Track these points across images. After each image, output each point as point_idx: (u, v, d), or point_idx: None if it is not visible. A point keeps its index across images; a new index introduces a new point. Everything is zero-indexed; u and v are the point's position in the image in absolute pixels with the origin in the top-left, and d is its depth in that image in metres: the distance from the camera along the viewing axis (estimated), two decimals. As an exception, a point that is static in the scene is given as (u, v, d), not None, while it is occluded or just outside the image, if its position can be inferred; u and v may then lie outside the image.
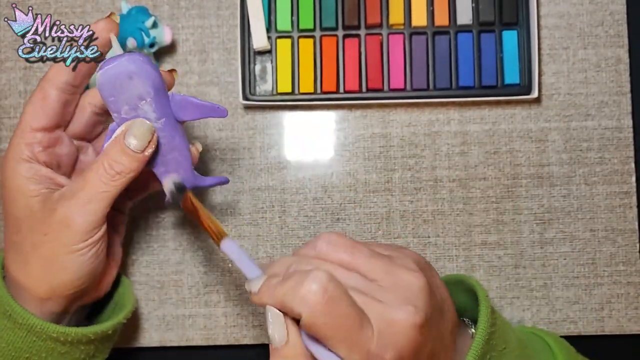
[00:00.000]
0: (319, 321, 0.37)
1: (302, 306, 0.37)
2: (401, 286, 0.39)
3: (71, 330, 0.46)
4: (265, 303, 0.39)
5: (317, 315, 0.37)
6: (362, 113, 0.59)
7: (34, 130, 0.46)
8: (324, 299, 0.37)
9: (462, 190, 0.58)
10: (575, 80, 0.59)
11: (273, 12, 0.58)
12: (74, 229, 0.44)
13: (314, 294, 0.37)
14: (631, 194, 0.58)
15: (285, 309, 0.38)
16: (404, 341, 0.38)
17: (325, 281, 0.37)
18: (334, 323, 0.37)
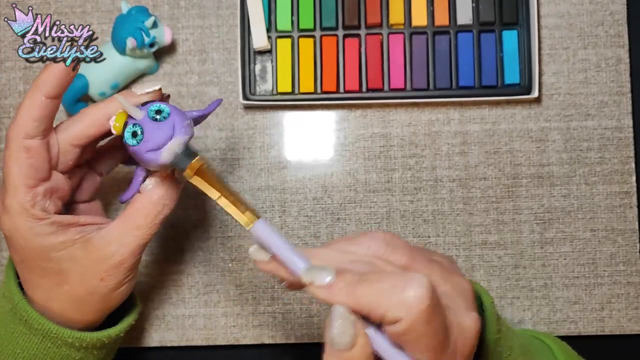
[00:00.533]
0: (420, 329, 0.34)
1: (404, 311, 0.34)
2: (459, 292, 0.38)
3: (86, 335, 0.46)
4: (339, 301, 0.35)
5: (420, 322, 0.34)
6: (362, 113, 0.59)
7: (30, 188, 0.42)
8: (430, 306, 0.34)
9: (462, 190, 0.58)
10: (576, 80, 0.59)
11: (273, 12, 0.58)
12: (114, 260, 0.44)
13: (421, 300, 0.34)
14: (631, 194, 0.58)
15: (373, 311, 0.35)
16: (468, 347, 0.37)
17: (431, 287, 0.34)
18: (432, 331, 0.34)
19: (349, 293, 0.35)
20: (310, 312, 0.58)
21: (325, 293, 0.36)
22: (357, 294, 0.35)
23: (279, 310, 0.58)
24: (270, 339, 0.58)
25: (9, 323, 0.45)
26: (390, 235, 0.39)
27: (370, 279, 0.35)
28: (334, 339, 0.35)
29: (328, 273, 0.36)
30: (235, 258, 0.58)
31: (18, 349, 0.45)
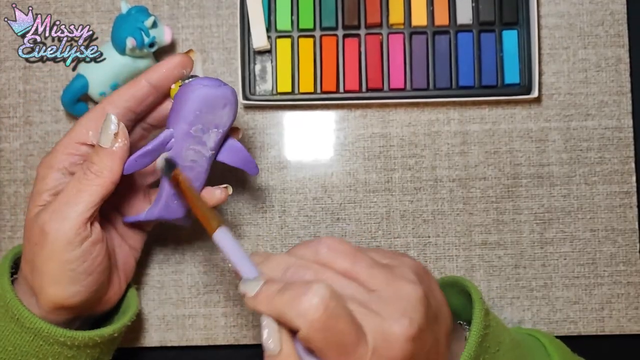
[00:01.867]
0: (317, 336, 0.36)
1: (301, 320, 0.36)
2: (399, 297, 0.39)
3: (78, 334, 0.46)
4: (261, 311, 0.39)
5: (315, 331, 0.36)
6: (362, 113, 0.59)
7: (79, 143, 0.46)
8: (324, 315, 0.36)
9: (462, 190, 0.58)
10: (576, 80, 0.59)
11: (273, 11, 0.58)
12: (52, 235, 0.43)
13: (315, 310, 0.36)
14: (631, 193, 0.58)
15: (283, 321, 0.38)
16: (397, 354, 0.38)
17: (327, 297, 0.36)
18: (331, 339, 0.36)
19: (268, 303, 0.38)
20: (310, 312, 0.58)
21: (251, 302, 0.39)
22: (272, 303, 0.38)
23: (278, 310, 0.58)
24: (270, 339, 0.58)
25: (1, 321, 0.45)
26: (337, 241, 0.41)
27: (284, 290, 0.38)
28: (264, 345, 0.39)
29: (257, 284, 0.39)
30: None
31: (10, 346, 0.45)
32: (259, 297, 0.39)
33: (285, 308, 0.37)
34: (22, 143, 0.59)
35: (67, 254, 0.43)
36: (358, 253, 0.40)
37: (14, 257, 0.48)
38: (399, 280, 0.40)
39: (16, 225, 0.59)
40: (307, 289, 0.37)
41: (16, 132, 0.59)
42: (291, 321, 0.37)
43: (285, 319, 0.37)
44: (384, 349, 0.37)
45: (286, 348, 0.38)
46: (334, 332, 0.36)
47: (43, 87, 0.59)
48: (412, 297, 0.39)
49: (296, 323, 0.37)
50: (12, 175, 0.59)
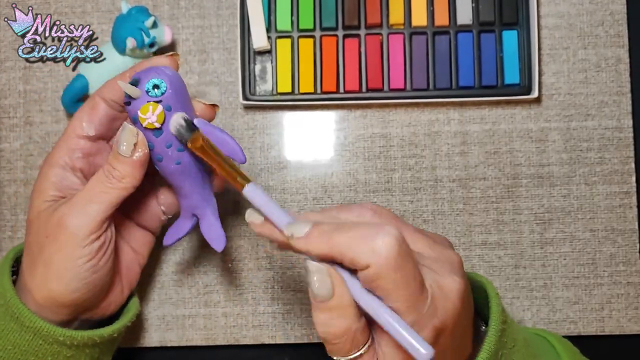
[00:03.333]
0: (389, 275, 0.36)
1: (374, 257, 0.35)
2: (444, 259, 0.40)
3: (77, 333, 0.46)
4: (315, 249, 0.37)
5: (388, 269, 0.35)
6: (362, 113, 0.59)
7: (78, 137, 0.46)
8: (398, 254, 0.36)
9: (462, 190, 0.58)
10: (575, 80, 0.59)
11: (273, 12, 0.58)
12: (70, 230, 0.44)
13: (390, 247, 0.35)
14: (631, 194, 0.58)
15: (345, 258, 0.36)
16: (450, 309, 0.38)
17: (401, 237, 0.36)
18: (401, 280, 0.36)
19: (324, 240, 0.37)
20: (310, 312, 0.58)
21: (302, 243, 0.38)
22: (331, 241, 0.37)
23: (279, 310, 0.58)
24: (270, 339, 0.58)
25: (1, 319, 0.46)
26: (378, 206, 0.41)
27: (344, 228, 0.37)
28: (315, 292, 0.37)
29: (306, 225, 0.38)
30: (235, 258, 0.58)
31: (9, 345, 0.45)
32: (311, 236, 0.38)
33: (351, 245, 0.36)
34: (22, 143, 0.59)
35: (79, 250, 0.44)
36: (402, 220, 0.41)
37: (15, 256, 0.48)
38: (440, 246, 0.41)
39: (16, 225, 0.59)
40: (379, 228, 0.36)
41: (16, 132, 0.59)
42: (358, 258, 0.36)
43: (350, 256, 0.36)
44: (440, 300, 0.37)
45: (339, 290, 0.37)
46: (404, 273, 0.36)
47: (43, 87, 0.59)
48: (455, 260, 0.40)
49: (366, 260, 0.36)
50: (12, 175, 0.59)
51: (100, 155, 0.48)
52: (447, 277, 0.38)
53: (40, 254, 0.45)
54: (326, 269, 0.37)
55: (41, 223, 0.45)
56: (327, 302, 0.37)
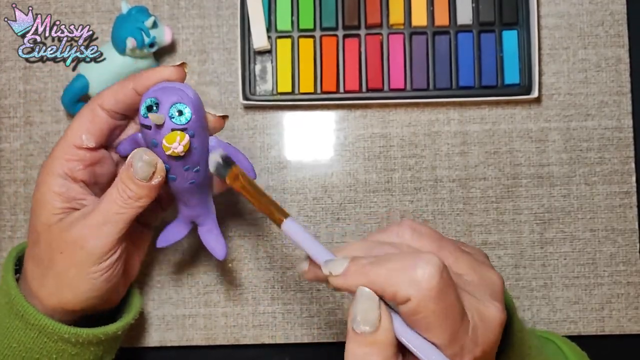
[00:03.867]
0: (429, 307, 0.34)
1: (414, 289, 0.33)
2: (486, 283, 0.38)
3: (82, 331, 0.46)
4: (355, 284, 0.35)
5: (429, 300, 0.33)
6: (362, 113, 0.59)
7: (77, 147, 0.45)
8: (440, 284, 0.33)
9: (462, 190, 0.58)
10: (575, 80, 0.59)
11: (273, 12, 0.58)
12: (87, 250, 0.44)
13: (431, 277, 0.33)
14: (631, 193, 0.58)
15: (385, 291, 0.34)
16: (491, 337, 0.36)
17: (441, 266, 0.34)
18: (442, 311, 0.34)
19: (362, 274, 0.35)
20: (310, 312, 0.58)
21: (341, 280, 0.36)
22: (369, 275, 0.35)
23: (279, 310, 0.58)
24: (270, 339, 0.58)
25: (5, 317, 0.46)
26: (418, 224, 0.39)
27: (382, 260, 0.35)
28: (358, 321, 0.34)
29: (343, 261, 0.36)
30: (235, 258, 0.58)
31: (14, 343, 0.46)
32: (349, 271, 0.36)
33: (391, 277, 0.34)
34: (22, 143, 0.59)
35: (96, 267, 0.44)
36: (442, 236, 0.39)
37: (18, 254, 0.49)
38: (482, 266, 0.39)
39: (16, 225, 0.59)
40: (418, 258, 0.34)
41: (16, 132, 0.59)
42: (398, 291, 0.34)
43: (390, 289, 0.34)
44: (481, 330, 0.36)
45: (385, 323, 0.35)
46: (445, 304, 0.34)
47: (43, 87, 0.59)
48: (496, 284, 0.39)
49: (406, 292, 0.34)
50: (12, 175, 0.59)
51: (102, 164, 0.47)
52: (489, 305, 0.37)
53: (52, 266, 0.45)
54: (377, 299, 0.35)
55: (53, 238, 0.45)
56: (369, 336, 0.34)
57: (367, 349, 0.34)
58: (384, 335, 0.35)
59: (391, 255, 0.36)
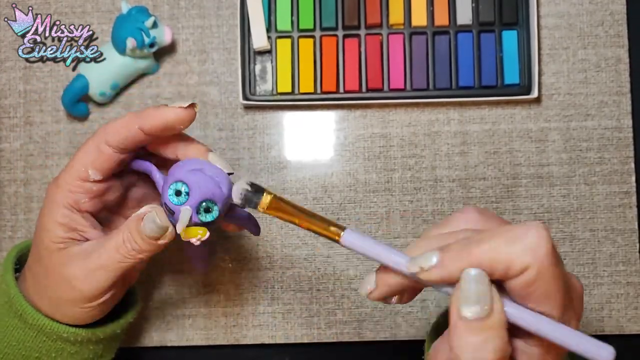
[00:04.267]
0: (550, 272, 0.31)
1: (532, 256, 0.31)
2: None
3: (81, 330, 0.46)
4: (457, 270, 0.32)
5: (549, 265, 0.31)
6: (362, 113, 0.59)
7: (83, 180, 0.44)
8: (554, 249, 0.31)
9: (462, 190, 0.58)
10: (575, 80, 0.59)
11: (273, 12, 0.58)
12: (79, 291, 0.44)
13: (546, 240, 0.31)
14: (631, 194, 0.58)
15: (495, 267, 0.31)
16: (581, 307, 0.34)
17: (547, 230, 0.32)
18: (560, 277, 0.32)
19: (465, 258, 0.32)
20: (310, 312, 0.58)
21: (439, 271, 0.33)
22: (473, 256, 0.32)
23: (279, 310, 0.58)
24: (270, 339, 0.58)
25: (4, 316, 0.46)
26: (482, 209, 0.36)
27: (482, 239, 0.32)
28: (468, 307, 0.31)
29: (432, 254, 0.33)
30: (235, 258, 0.58)
31: (13, 342, 0.46)
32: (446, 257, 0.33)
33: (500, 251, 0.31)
34: (22, 143, 0.59)
35: (87, 304, 0.44)
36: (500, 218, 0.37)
37: (18, 254, 0.49)
38: None
39: (16, 225, 0.59)
40: (527, 227, 0.32)
41: (16, 132, 0.59)
42: (513, 262, 0.31)
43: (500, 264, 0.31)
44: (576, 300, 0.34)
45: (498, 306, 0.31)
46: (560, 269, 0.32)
47: (43, 87, 0.59)
48: None
49: (523, 261, 0.31)
50: (12, 175, 0.59)
51: (110, 192, 0.46)
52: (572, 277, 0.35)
53: (46, 291, 0.45)
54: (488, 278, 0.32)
55: (51, 266, 0.44)
56: (485, 320, 0.31)
57: (485, 334, 0.31)
58: (498, 317, 0.32)
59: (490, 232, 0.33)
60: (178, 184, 0.41)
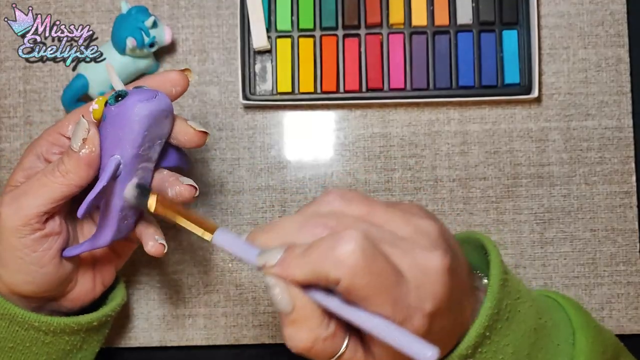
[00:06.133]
0: (360, 282, 0.34)
1: (340, 270, 0.34)
2: (422, 233, 0.38)
3: (53, 320, 0.46)
4: (290, 275, 0.36)
5: (357, 277, 0.34)
6: (362, 113, 0.59)
7: (61, 135, 0.45)
8: (362, 259, 0.34)
9: (462, 190, 0.58)
10: (576, 80, 0.59)
11: (273, 11, 0.58)
12: (2, 220, 0.43)
13: (352, 255, 0.34)
14: (631, 193, 0.58)
15: (320, 278, 0.35)
16: (439, 288, 0.36)
17: (361, 240, 0.34)
18: (374, 282, 0.34)
19: (297, 265, 0.36)
20: (310, 312, 0.58)
21: (278, 270, 0.36)
22: (303, 264, 0.35)
23: (279, 310, 0.58)
24: (270, 339, 0.58)
25: None
26: (345, 190, 0.39)
27: (310, 248, 0.35)
28: (277, 307, 0.36)
29: (278, 251, 0.36)
30: (235, 258, 0.58)
31: None
32: (284, 263, 0.36)
33: (318, 263, 0.35)
34: (22, 143, 0.59)
35: (14, 241, 0.43)
36: (370, 198, 0.39)
37: None
38: (416, 218, 0.39)
39: (16, 225, 0.58)
40: (338, 238, 0.34)
41: (16, 132, 0.59)
42: (328, 275, 0.35)
43: (321, 275, 0.35)
44: (425, 284, 0.36)
45: (299, 302, 0.36)
46: (375, 275, 0.34)
47: (43, 87, 0.59)
48: (433, 231, 0.38)
49: (335, 275, 0.34)
50: (12, 175, 0.59)
51: None
52: (426, 255, 0.36)
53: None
54: (283, 283, 0.36)
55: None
56: (289, 315, 0.36)
57: (293, 327, 0.36)
58: (301, 312, 0.36)
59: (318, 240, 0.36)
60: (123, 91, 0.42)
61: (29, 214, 0.43)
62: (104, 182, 0.41)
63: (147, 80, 0.45)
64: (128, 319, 0.58)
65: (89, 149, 0.42)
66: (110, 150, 0.42)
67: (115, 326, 0.56)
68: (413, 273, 0.36)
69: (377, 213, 0.38)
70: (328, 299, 0.36)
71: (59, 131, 0.46)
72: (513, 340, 0.41)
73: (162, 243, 0.47)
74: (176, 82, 0.45)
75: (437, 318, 0.37)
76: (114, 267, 0.51)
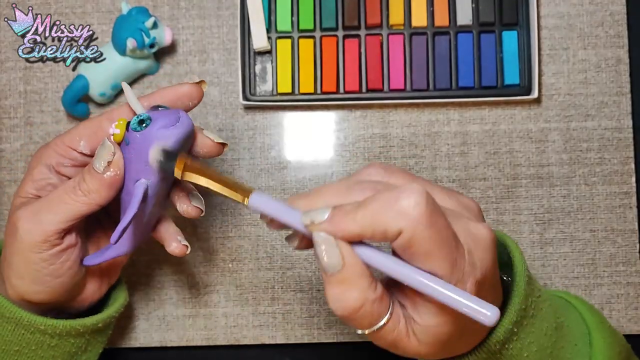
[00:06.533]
0: (424, 235, 0.33)
1: (404, 220, 0.33)
2: (466, 207, 0.38)
3: (59, 322, 0.46)
4: (343, 229, 0.35)
5: (421, 228, 0.33)
6: (362, 113, 0.59)
7: (71, 148, 0.45)
8: (428, 210, 0.33)
9: (462, 190, 0.58)
10: (575, 80, 0.59)
11: (273, 12, 0.58)
12: (20, 234, 0.43)
13: (417, 204, 0.33)
14: (631, 194, 0.58)
15: (376, 232, 0.34)
16: (489, 256, 0.36)
17: (425, 192, 0.34)
18: (437, 237, 0.34)
19: (350, 220, 0.35)
20: (310, 313, 0.58)
21: (328, 226, 0.35)
22: (357, 219, 0.34)
23: (279, 310, 0.58)
24: (270, 339, 0.58)
25: None
26: (385, 164, 0.39)
27: (366, 202, 0.35)
28: (324, 264, 0.35)
29: (325, 209, 0.36)
30: (235, 258, 0.58)
31: None
32: (335, 217, 0.35)
33: (378, 215, 0.34)
34: (22, 144, 0.59)
35: (33, 255, 0.43)
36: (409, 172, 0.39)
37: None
38: (456, 194, 0.39)
39: (16, 225, 0.59)
40: (401, 190, 0.34)
41: (17, 133, 0.59)
42: (388, 227, 0.34)
43: (378, 228, 0.34)
44: (476, 251, 0.36)
45: (350, 260, 0.35)
46: (438, 229, 0.34)
47: (43, 87, 0.59)
48: (474, 207, 0.38)
49: (397, 226, 0.33)
50: (12, 175, 0.59)
51: None
52: (476, 224, 0.36)
53: (4, 251, 0.45)
54: (333, 239, 0.35)
55: (9, 224, 0.44)
56: (338, 274, 0.35)
57: (340, 287, 0.35)
58: (351, 270, 0.35)
59: (374, 195, 0.35)
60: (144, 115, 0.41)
61: (48, 230, 0.43)
62: (134, 209, 0.41)
63: (163, 94, 0.44)
64: (129, 319, 0.58)
65: (114, 172, 0.42)
66: (134, 174, 0.42)
67: (116, 327, 0.56)
68: (465, 239, 0.36)
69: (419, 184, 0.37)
70: (382, 256, 0.35)
71: (69, 144, 0.45)
72: (537, 338, 0.41)
73: (186, 244, 0.47)
74: (193, 96, 0.45)
75: (483, 289, 0.36)
76: (120, 265, 0.51)
